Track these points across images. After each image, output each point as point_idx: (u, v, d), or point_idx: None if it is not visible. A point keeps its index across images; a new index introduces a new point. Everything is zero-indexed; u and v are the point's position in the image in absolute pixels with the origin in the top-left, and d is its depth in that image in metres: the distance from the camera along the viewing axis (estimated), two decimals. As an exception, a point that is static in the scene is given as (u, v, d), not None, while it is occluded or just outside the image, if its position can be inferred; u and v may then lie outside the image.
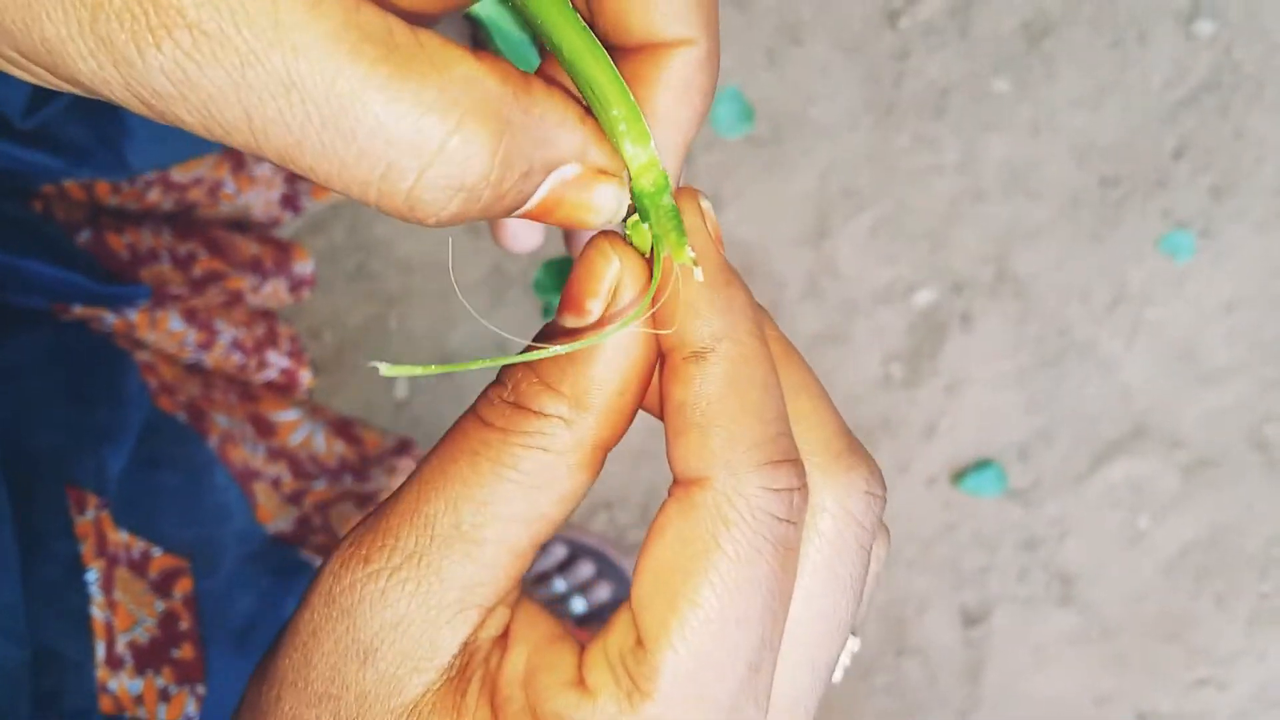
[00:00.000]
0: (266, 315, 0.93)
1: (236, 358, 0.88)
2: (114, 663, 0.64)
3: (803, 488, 0.28)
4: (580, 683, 0.28)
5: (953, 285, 1.19)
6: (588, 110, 0.28)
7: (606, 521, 1.20)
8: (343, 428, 0.96)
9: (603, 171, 0.28)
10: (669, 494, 0.29)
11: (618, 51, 0.29)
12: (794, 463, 0.28)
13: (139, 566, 0.69)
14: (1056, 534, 1.22)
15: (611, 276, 0.29)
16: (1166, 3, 1.16)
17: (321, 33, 0.23)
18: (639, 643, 0.28)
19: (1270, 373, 1.20)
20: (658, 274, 0.28)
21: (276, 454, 0.87)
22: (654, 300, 0.28)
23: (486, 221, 0.54)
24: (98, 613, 0.63)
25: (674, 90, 0.29)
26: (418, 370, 0.27)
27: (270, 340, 0.91)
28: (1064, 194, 1.18)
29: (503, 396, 0.29)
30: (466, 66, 0.25)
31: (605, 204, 0.28)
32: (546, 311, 0.32)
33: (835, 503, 0.29)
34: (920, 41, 1.16)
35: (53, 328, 0.74)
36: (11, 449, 0.63)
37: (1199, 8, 1.16)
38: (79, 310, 0.76)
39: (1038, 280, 1.19)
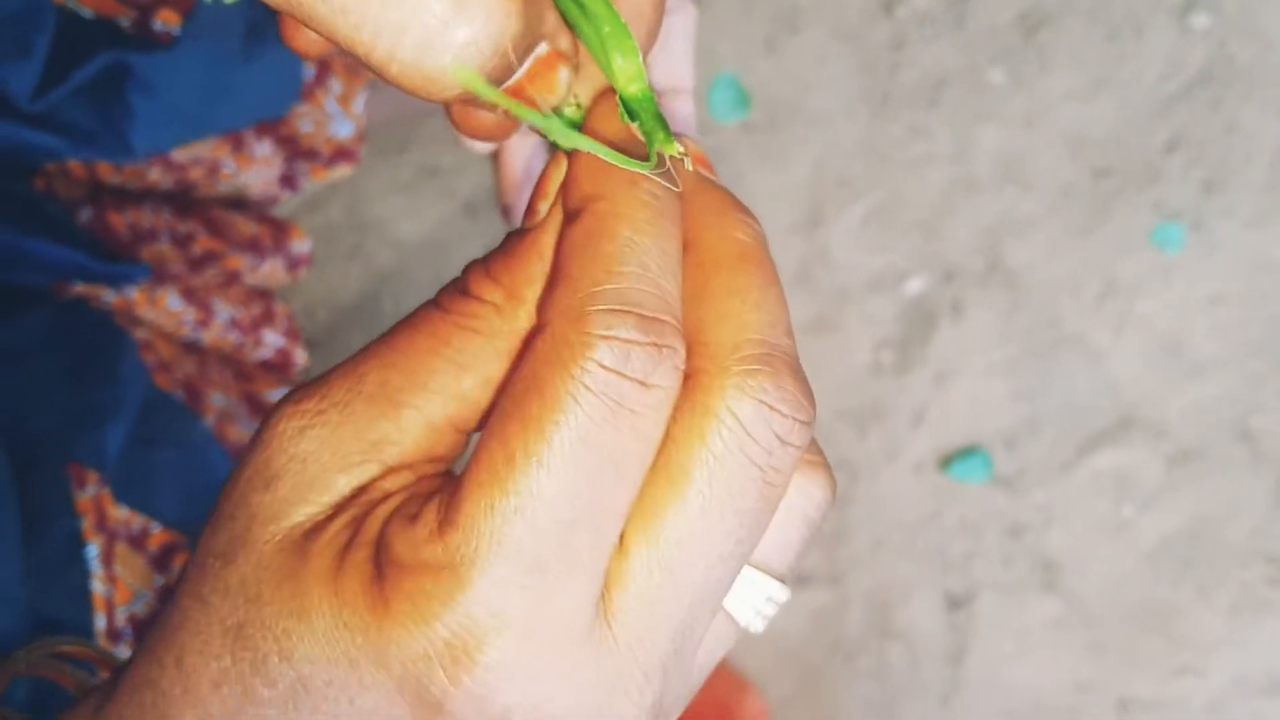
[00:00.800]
0: (263, 294, 0.94)
1: (233, 336, 0.89)
2: (114, 635, 0.65)
3: (657, 346, 0.27)
4: (415, 516, 0.28)
5: (944, 275, 1.21)
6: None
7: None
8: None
9: (561, 53, 0.29)
10: None
11: None
12: (645, 319, 0.27)
13: (138, 542, 0.70)
14: (1041, 521, 1.24)
15: (558, 178, 0.30)
16: None
17: None
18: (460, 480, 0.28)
19: (1256, 366, 1.22)
20: (651, 160, 0.30)
21: (271, 433, 0.88)
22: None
23: (499, 204, 0.56)
24: (98, 586, 0.64)
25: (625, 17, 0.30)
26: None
27: (266, 319, 0.93)
28: (1056, 185, 1.19)
29: (455, 285, 0.30)
30: None
31: (561, 82, 0.29)
32: None
33: (721, 405, 0.28)
34: (916, 32, 1.17)
35: (53, 306, 0.75)
36: (13, 428, 0.64)
37: (1194, 2, 1.17)
38: (79, 288, 0.77)
39: (1028, 271, 1.20)
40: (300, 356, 0.95)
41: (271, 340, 0.93)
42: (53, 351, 0.72)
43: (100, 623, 0.65)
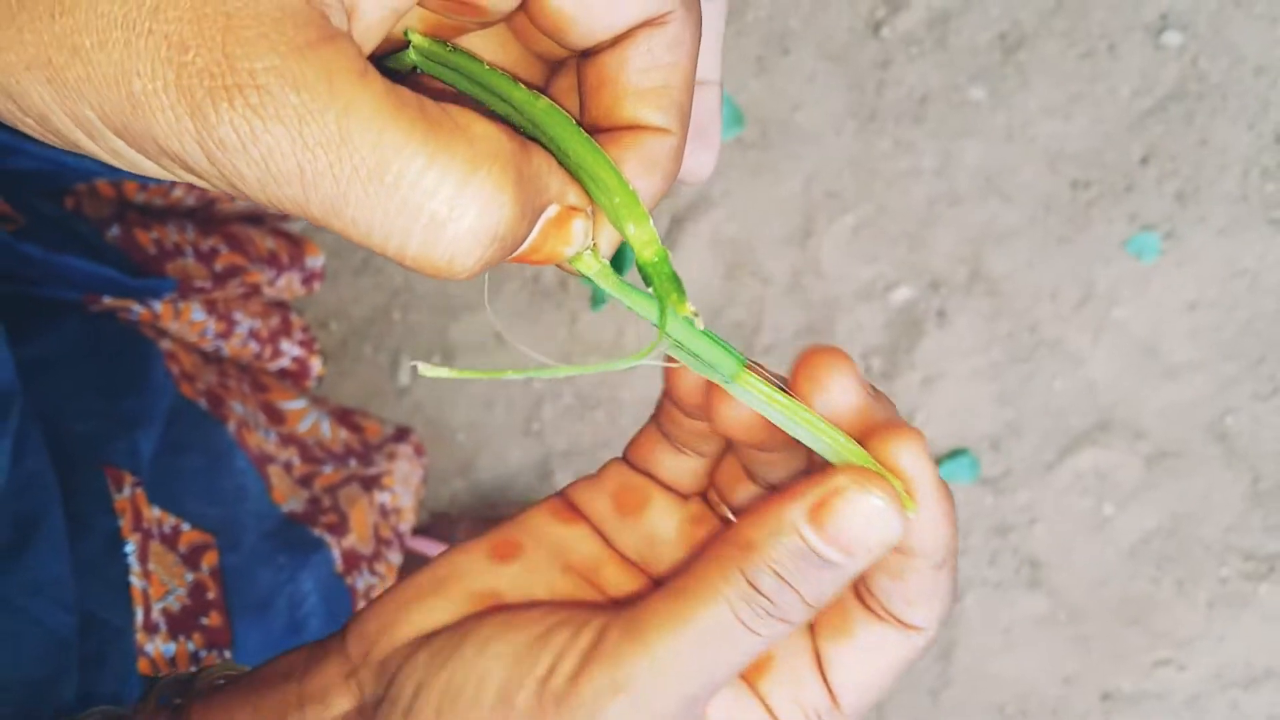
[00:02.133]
0: (280, 306, 0.97)
1: (253, 346, 0.92)
2: (150, 628, 0.67)
3: None
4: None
5: (929, 284, 1.22)
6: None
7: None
8: (345, 416, 1.00)
9: (574, 209, 0.32)
10: None
11: (603, 133, 0.34)
12: None
13: (170, 540, 0.72)
14: (1026, 520, 1.25)
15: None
16: (1136, 16, 1.18)
17: (369, 96, 0.27)
18: (838, 706, 0.36)
19: (1229, 369, 1.23)
20: (663, 328, 0.32)
21: (287, 440, 0.91)
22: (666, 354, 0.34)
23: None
24: (136, 582, 0.67)
25: (644, 166, 0.33)
26: (453, 374, 0.32)
27: (284, 330, 0.96)
28: (1036, 198, 1.21)
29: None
30: (484, 126, 0.29)
31: (578, 234, 0.32)
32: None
33: None
34: (901, 51, 1.19)
35: (84, 318, 0.77)
36: (54, 433, 0.66)
37: (1167, 20, 1.19)
38: (108, 302, 0.80)
39: (1010, 279, 1.22)
40: (316, 366, 0.98)
41: (289, 350, 0.95)
42: (86, 360, 0.74)
43: (139, 616, 0.67)
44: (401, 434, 1.02)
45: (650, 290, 0.33)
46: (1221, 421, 1.24)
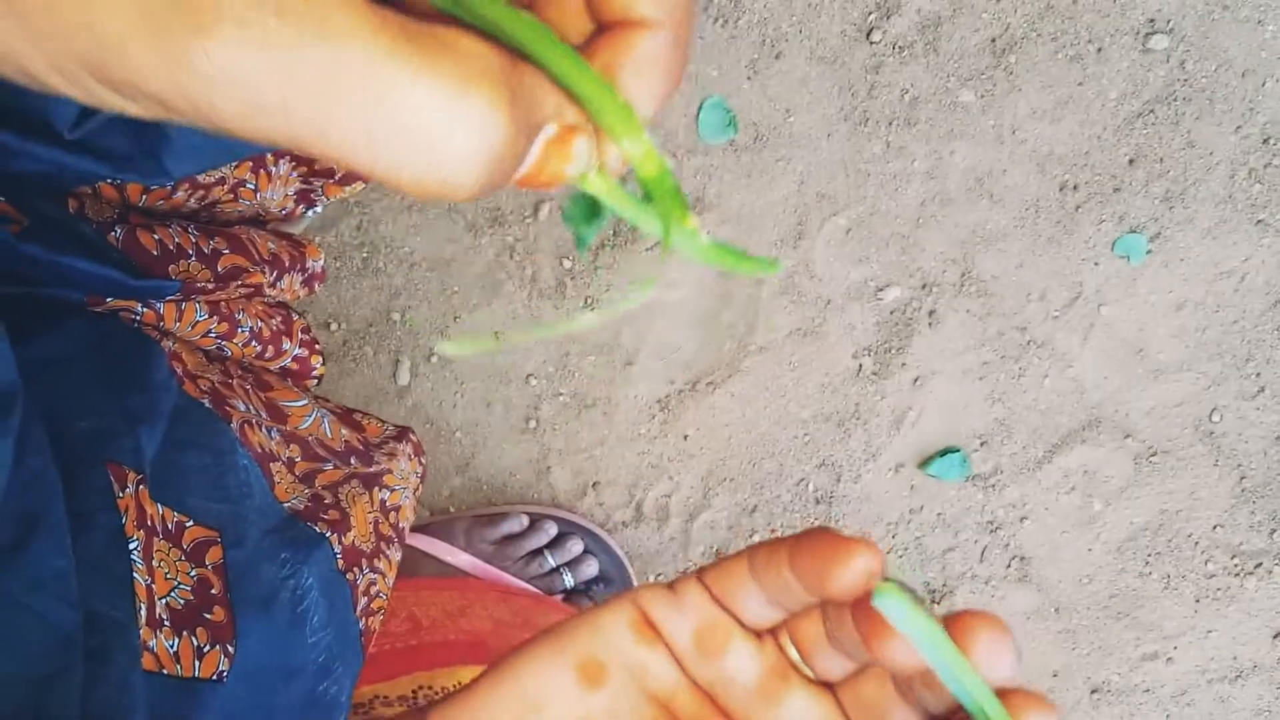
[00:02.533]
0: (282, 307, 0.98)
1: (256, 347, 0.93)
2: (154, 623, 0.68)
3: None
4: None
5: (921, 284, 1.23)
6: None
7: (594, 502, 1.26)
8: (345, 415, 1.01)
9: (574, 128, 0.30)
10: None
11: (595, 34, 0.33)
12: None
13: (174, 537, 0.73)
14: (1015, 517, 1.26)
15: None
16: (1124, 19, 1.19)
17: (350, 16, 0.26)
18: None
19: (1216, 368, 1.25)
20: (667, 242, 0.31)
21: (289, 438, 0.92)
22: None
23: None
24: (139, 578, 0.67)
25: (638, 68, 0.32)
26: (475, 347, 0.32)
27: (286, 330, 0.97)
28: (1025, 199, 1.22)
29: None
30: (472, 43, 0.28)
31: (580, 153, 0.30)
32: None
33: None
34: (893, 56, 1.20)
35: (88, 319, 0.78)
36: (56, 431, 0.66)
37: (1154, 25, 1.19)
38: (111, 303, 0.80)
39: (1000, 280, 1.23)
40: (317, 366, 0.99)
41: (291, 350, 0.96)
42: (90, 359, 0.75)
43: (143, 612, 0.68)
44: (401, 433, 1.03)
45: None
46: (1208, 420, 1.25)
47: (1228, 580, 1.27)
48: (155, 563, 0.71)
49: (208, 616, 0.73)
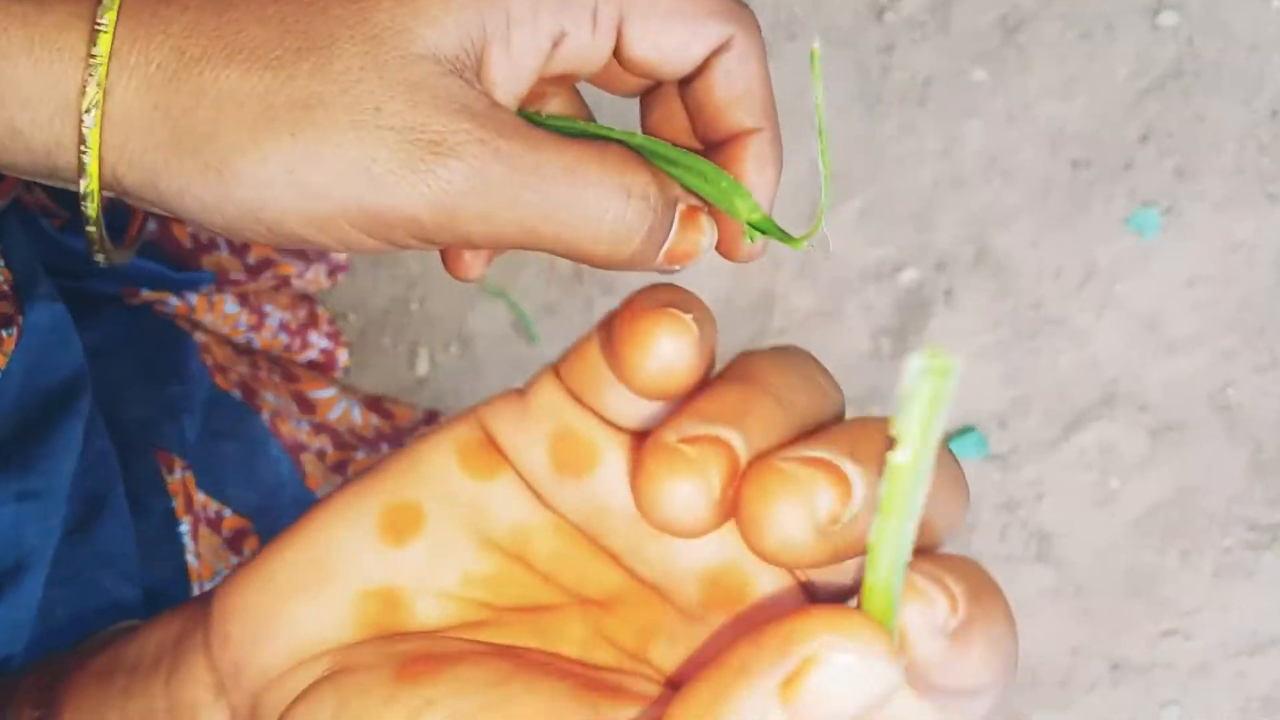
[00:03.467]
0: (306, 299, 0.98)
1: (283, 339, 0.93)
2: None
3: None
4: None
5: (936, 264, 1.24)
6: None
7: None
8: (374, 403, 1.01)
9: (698, 206, 0.39)
10: None
11: (713, 147, 0.41)
12: None
13: (215, 524, 0.74)
14: (1034, 495, 1.27)
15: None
16: None
17: (541, 137, 0.36)
18: None
19: (1230, 342, 1.25)
20: (801, 245, 0.40)
21: (318, 428, 0.93)
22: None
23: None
24: (192, 560, 0.68)
25: (755, 163, 0.40)
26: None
27: (312, 322, 0.97)
28: (1038, 177, 1.22)
29: None
30: (615, 148, 0.38)
31: (705, 224, 0.39)
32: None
33: None
34: (905, 35, 1.20)
35: (125, 311, 0.79)
36: (108, 419, 0.67)
37: (1163, 1, 1.20)
38: (145, 294, 0.81)
39: (1014, 258, 1.23)
40: (343, 357, 1.00)
41: (316, 342, 0.97)
42: (131, 351, 0.76)
43: (195, 593, 0.69)
44: (430, 417, 1.04)
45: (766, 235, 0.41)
46: (1223, 394, 1.26)
47: (1244, 554, 1.27)
48: (201, 548, 0.71)
49: (246, 606, 0.73)
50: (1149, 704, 1.27)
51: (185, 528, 0.69)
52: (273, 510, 0.81)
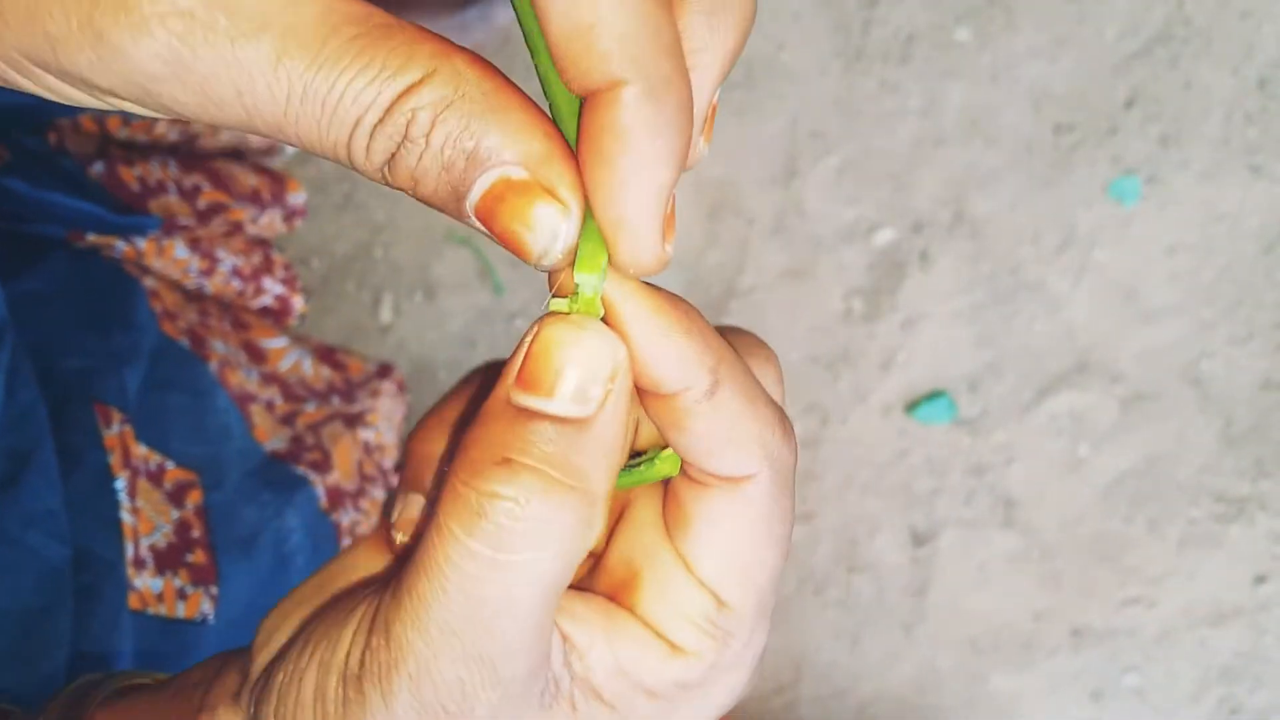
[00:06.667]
0: (262, 244, 0.97)
1: (236, 284, 0.92)
2: (138, 563, 0.68)
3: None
4: (674, 648, 0.32)
5: (912, 225, 1.22)
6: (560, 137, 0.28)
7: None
8: (327, 354, 1.00)
9: (549, 190, 0.27)
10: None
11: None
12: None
13: (155, 478, 0.73)
14: (1002, 460, 1.26)
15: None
16: None
17: (307, 16, 0.25)
18: (722, 603, 0.32)
19: (1207, 313, 1.24)
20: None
21: (269, 379, 0.91)
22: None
23: None
24: (126, 517, 0.67)
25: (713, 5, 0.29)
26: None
27: (266, 268, 0.95)
28: (1020, 140, 1.21)
29: None
30: (434, 44, 0.26)
31: (542, 224, 0.27)
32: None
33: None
34: None
35: (70, 255, 0.77)
36: (45, 368, 0.66)
37: None
38: (92, 238, 0.79)
39: (992, 222, 1.22)
40: (298, 304, 0.98)
41: (271, 288, 0.95)
42: (74, 297, 0.74)
43: (129, 551, 0.68)
44: (384, 371, 1.03)
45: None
46: (1197, 365, 1.25)
47: (1212, 526, 1.27)
48: (140, 503, 0.70)
49: (189, 559, 0.73)
50: (1110, 669, 1.28)
51: (121, 484, 0.68)
52: (220, 462, 0.81)
